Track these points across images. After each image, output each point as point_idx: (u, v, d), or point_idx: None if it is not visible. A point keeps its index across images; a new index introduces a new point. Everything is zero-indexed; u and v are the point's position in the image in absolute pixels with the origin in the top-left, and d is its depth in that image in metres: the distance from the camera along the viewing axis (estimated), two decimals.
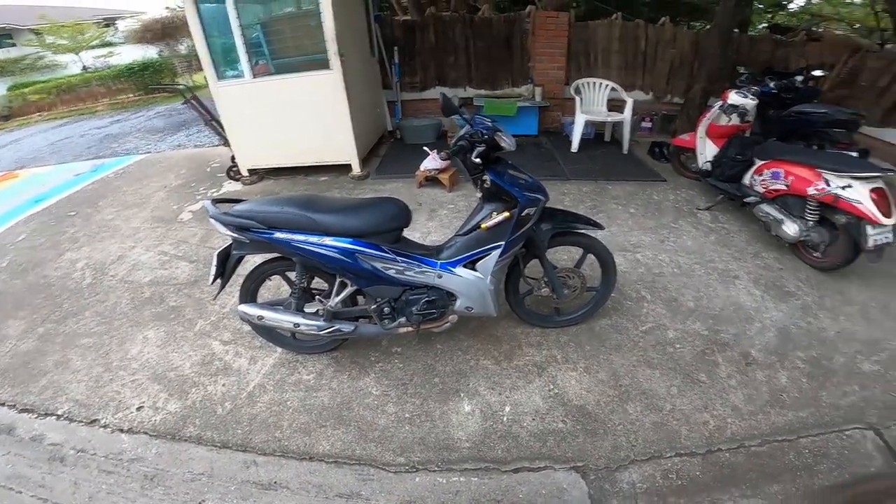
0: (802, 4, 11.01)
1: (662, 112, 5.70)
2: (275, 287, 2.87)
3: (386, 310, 2.08)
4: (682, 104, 5.47)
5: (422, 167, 4.13)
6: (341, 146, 4.41)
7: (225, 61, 4.25)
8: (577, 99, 4.95)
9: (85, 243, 3.79)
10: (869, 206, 2.59)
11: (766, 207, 3.23)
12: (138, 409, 2.16)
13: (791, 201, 3.08)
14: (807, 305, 2.73)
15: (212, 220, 1.98)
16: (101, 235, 3.90)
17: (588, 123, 5.07)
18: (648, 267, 3.04)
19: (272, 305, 2.23)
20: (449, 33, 5.49)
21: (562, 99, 5.62)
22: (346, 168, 4.60)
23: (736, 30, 6.48)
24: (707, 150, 3.88)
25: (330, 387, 2.21)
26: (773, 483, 1.79)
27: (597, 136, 5.54)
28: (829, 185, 2.76)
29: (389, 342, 2.45)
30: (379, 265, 1.96)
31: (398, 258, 1.97)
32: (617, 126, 5.23)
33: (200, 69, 4.49)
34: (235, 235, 1.99)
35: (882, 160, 4.66)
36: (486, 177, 1.98)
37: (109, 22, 22.13)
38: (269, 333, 2.36)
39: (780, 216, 3.11)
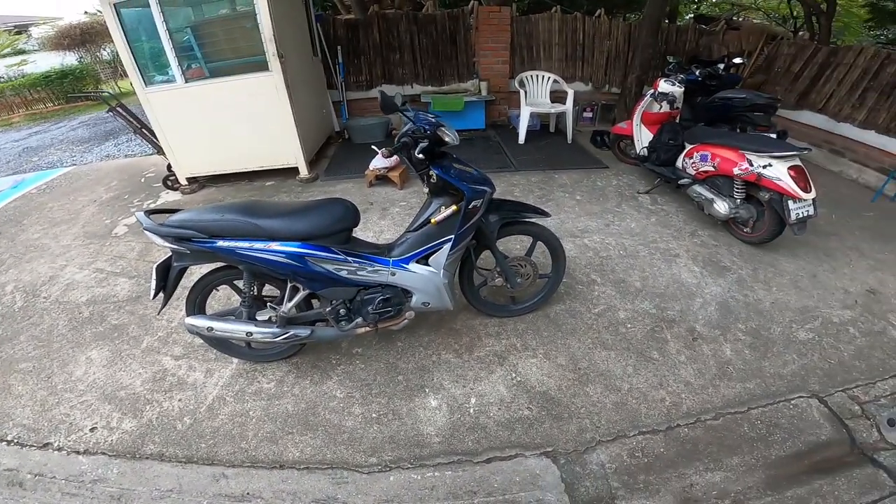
0: None
1: (602, 102, 5.95)
2: (223, 297, 2.77)
3: (342, 311, 2.07)
4: (619, 94, 5.74)
5: (371, 166, 4.10)
6: (286, 149, 4.29)
7: (153, 66, 4.02)
8: (522, 92, 5.08)
9: (12, 265, 3.49)
10: (788, 183, 2.83)
11: (698, 188, 3.45)
12: (91, 429, 2.05)
13: (720, 181, 3.31)
14: (742, 279, 2.93)
15: (147, 233, 1.88)
16: (29, 256, 3.60)
17: (533, 115, 5.21)
18: (596, 251, 3.18)
19: (222, 316, 2.16)
20: (393, 31, 5.45)
21: (507, 92, 5.74)
22: (293, 171, 4.48)
23: (665, 21, 6.86)
24: (643, 137, 4.09)
25: (293, 393, 2.17)
26: (732, 455, 1.89)
27: (542, 127, 5.72)
28: (752, 164, 2.99)
29: (349, 344, 2.43)
30: (330, 267, 1.94)
31: (349, 259, 1.96)
32: (560, 117, 5.42)
33: (126, 75, 4.22)
34: (175, 247, 1.90)
35: (799, 140, 5.12)
36: (432, 172, 2.00)
37: (21, 29, 20.27)
38: (222, 345, 2.29)
39: (710, 196, 3.33)
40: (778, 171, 2.88)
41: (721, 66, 5.26)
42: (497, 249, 2.32)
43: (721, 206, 3.23)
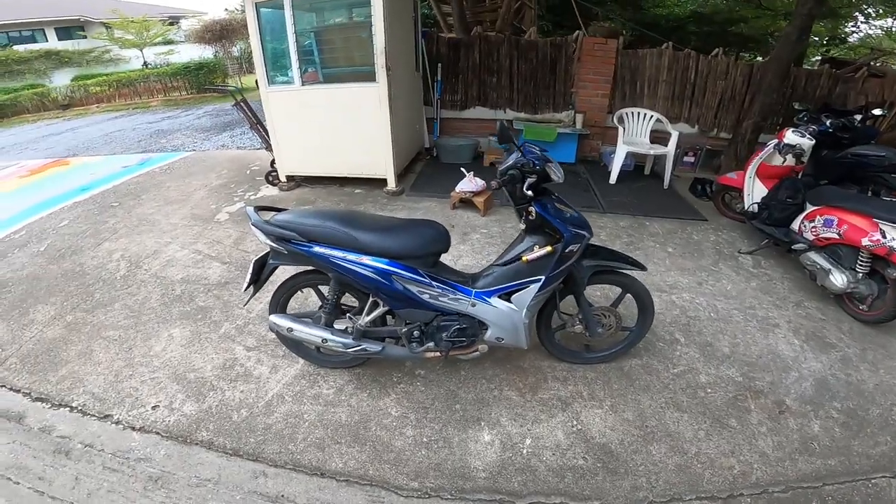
0: (861, 37, 10.62)
1: (707, 147, 5.55)
2: (301, 297, 2.93)
3: (416, 333, 2.08)
4: (729, 139, 5.32)
5: (457, 188, 4.16)
6: (379, 160, 4.49)
7: (276, 66, 4.41)
8: (620, 129, 4.88)
9: (124, 235, 3.95)
10: None
11: (813, 256, 3.09)
12: (154, 407, 2.20)
13: (842, 251, 2.94)
14: (847, 357, 2.61)
15: (253, 228, 2.02)
16: (140, 229, 4.06)
17: (629, 155, 4.99)
18: (684, 309, 2.95)
19: (302, 318, 2.26)
20: (494, 53, 5.53)
21: (602, 127, 5.56)
22: (381, 182, 4.68)
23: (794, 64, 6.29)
24: (755, 191, 3.74)
25: (349, 403, 2.21)
26: None
27: (636, 167, 5.43)
28: (885, 236, 2.63)
29: (413, 364, 2.45)
30: (414, 289, 1.95)
31: (434, 283, 1.96)
32: (658, 159, 5.13)
33: (250, 72, 4.69)
34: (275, 245, 2.02)
35: None
36: (532, 208, 1.97)
37: (174, 20, 23.44)
38: (294, 345, 2.38)
39: (828, 266, 2.97)
40: None
41: (858, 117, 4.72)
42: (584, 297, 2.24)
43: (838, 279, 2.87)
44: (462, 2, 7.39)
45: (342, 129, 4.42)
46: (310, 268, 2.17)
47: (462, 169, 4.18)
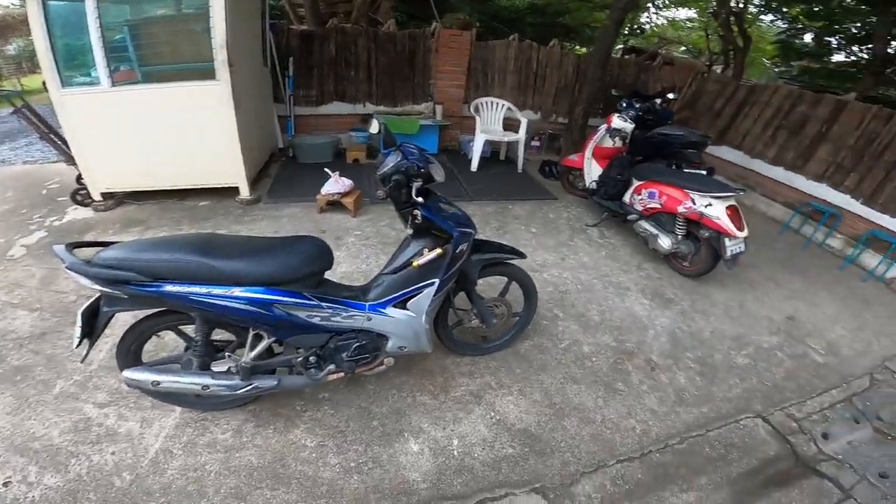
0: (651, 26, 12.76)
1: (549, 131, 6.14)
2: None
3: (312, 359, 1.90)
4: (566, 124, 5.95)
5: (323, 191, 3.86)
6: (227, 166, 3.93)
7: (73, 65, 3.52)
8: (477, 118, 5.09)
9: None
10: (726, 222, 3.06)
11: (643, 223, 3.63)
12: (5, 484, 1.74)
13: (664, 218, 3.51)
14: (685, 310, 3.15)
15: (70, 273, 1.54)
16: None
17: (487, 142, 5.24)
18: (556, 285, 3.22)
19: (166, 365, 1.89)
20: (351, 46, 5.25)
21: (460, 117, 5.74)
22: (231, 191, 4.11)
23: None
24: (593, 171, 4.25)
25: (254, 444, 1.96)
26: (700, 476, 2.03)
27: (492, 154, 5.77)
28: (695, 203, 3.19)
29: (315, 389, 2.25)
30: (301, 314, 1.76)
31: (323, 304, 1.79)
32: (511, 145, 5.50)
33: (34, 72, 3.65)
34: (107, 290, 1.59)
35: (719, 175, 5.60)
36: (418, 212, 1.87)
37: None
38: (163, 394, 1.97)
39: (655, 231, 3.52)
40: (717, 211, 3.10)
41: (658, 100, 5.66)
42: (475, 291, 2.28)
43: (664, 242, 3.42)
44: None
45: (175, 133, 3.74)
46: (163, 308, 1.78)
47: (326, 170, 3.90)
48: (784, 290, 3.57)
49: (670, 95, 5.72)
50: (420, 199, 1.81)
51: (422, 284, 1.93)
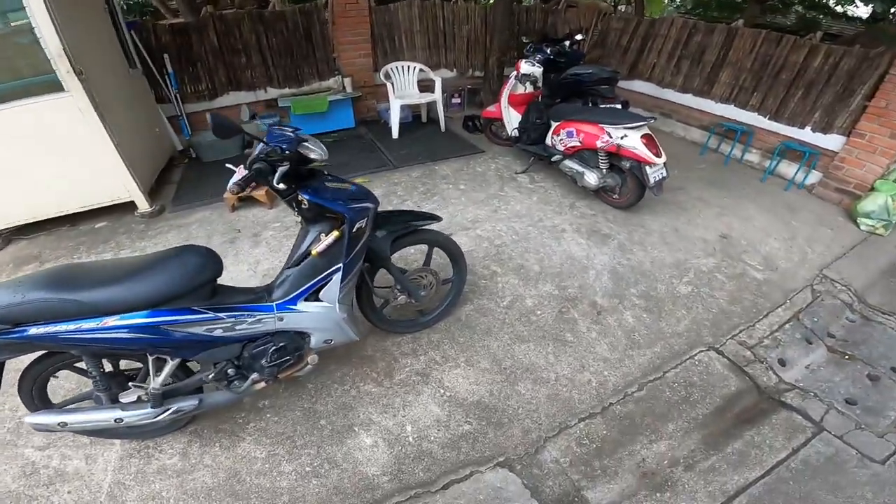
0: None
1: (468, 87, 5.95)
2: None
3: (230, 372, 1.75)
4: (482, 77, 5.76)
5: (229, 188, 3.47)
6: (114, 181, 3.47)
7: None
8: (389, 85, 4.79)
9: None
10: (643, 150, 3.03)
11: (568, 163, 3.57)
12: None
13: (586, 155, 3.46)
14: (622, 244, 3.13)
15: None
16: None
17: (405, 107, 4.99)
18: (491, 240, 3.11)
19: (75, 403, 1.78)
20: (234, 32, 4.71)
21: (374, 86, 5.40)
22: (129, 206, 3.65)
23: (515, 2, 7.05)
24: (512, 118, 4.13)
25: (204, 464, 1.82)
26: (667, 422, 1.96)
27: (414, 118, 5.53)
28: (611, 136, 3.14)
29: (253, 398, 2.06)
30: (198, 329, 1.58)
31: (221, 315, 1.61)
32: (431, 106, 5.27)
33: None
34: None
35: (635, 107, 5.68)
36: (302, 197, 1.68)
37: None
38: (93, 430, 1.79)
39: (580, 169, 3.47)
40: (633, 141, 3.06)
41: (567, 43, 5.59)
42: (394, 266, 2.10)
43: (591, 178, 3.38)
44: None
45: (38, 156, 3.21)
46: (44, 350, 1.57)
47: (228, 165, 3.50)
48: (714, 207, 3.65)
49: (578, 37, 5.66)
50: (281, 186, 1.59)
51: (328, 272, 1.77)
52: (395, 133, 4.88)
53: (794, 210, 3.70)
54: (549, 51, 5.39)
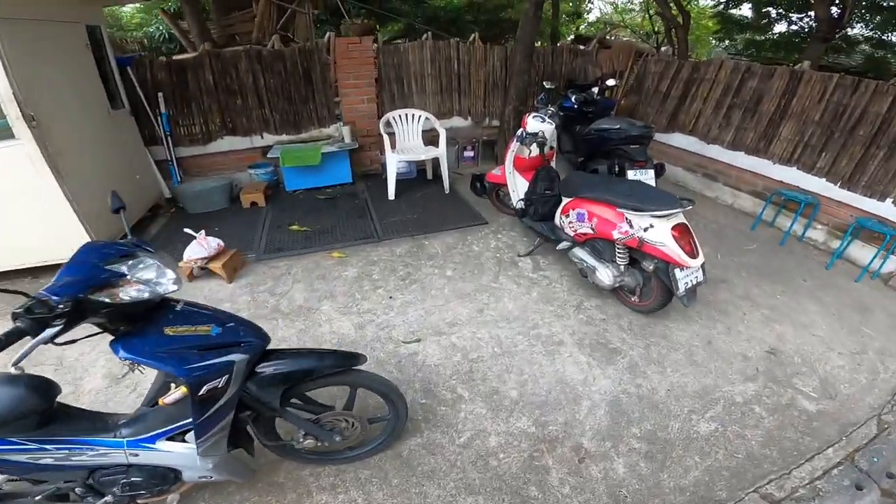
0: (598, 15, 12.22)
1: (483, 138, 5.42)
2: None
3: (78, 490, 1.47)
4: (498, 127, 5.22)
5: (185, 256, 3.08)
6: (66, 237, 3.14)
7: None
8: (386, 137, 4.31)
9: None
10: (673, 248, 2.36)
11: (578, 252, 2.93)
12: None
13: (600, 245, 2.81)
14: (633, 363, 2.46)
15: None
16: None
17: (407, 162, 4.50)
18: (465, 352, 2.52)
19: None
20: (231, 72, 4.44)
21: (377, 135, 4.97)
22: None
23: (548, 43, 6.56)
24: (518, 186, 3.52)
25: None
26: None
27: (419, 172, 5.01)
28: (631, 226, 2.48)
29: None
30: (21, 458, 1.34)
31: (48, 447, 1.35)
32: (438, 161, 4.74)
33: None
34: None
35: (672, 164, 4.95)
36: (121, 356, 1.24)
37: None
38: None
39: (592, 263, 2.82)
40: (661, 234, 2.39)
41: (595, 89, 4.98)
42: (291, 414, 1.63)
43: (604, 276, 2.73)
44: (199, 15, 6.00)
45: None
46: None
47: (186, 230, 3.13)
48: (762, 309, 2.91)
49: (610, 82, 5.07)
50: (65, 340, 1.17)
51: (184, 423, 1.43)
52: (391, 193, 4.38)
53: (867, 310, 2.92)
54: (573, 98, 4.82)
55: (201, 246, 3.05)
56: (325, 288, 3.03)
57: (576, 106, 4.76)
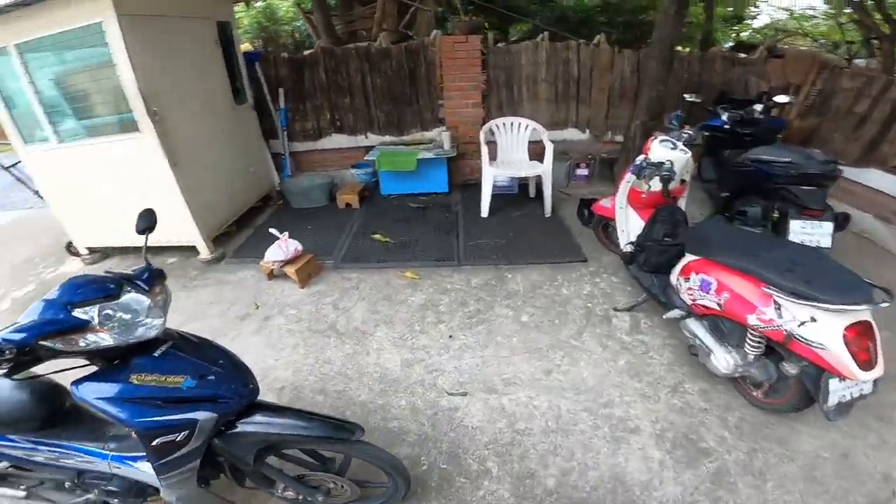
0: (767, 22, 10.16)
1: (602, 154, 4.72)
2: None
3: (67, 485, 1.56)
4: (621, 144, 4.49)
5: (265, 257, 3.16)
6: (180, 225, 3.46)
7: (30, 122, 3.34)
8: (485, 147, 3.94)
9: None
10: (838, 356, 1.64)
11: (692, 326, 2.27)
12: None
13: (726, 325, 2.11)
14: (724, 470, 1.84)
15: None
16: None
17: (509, 177, 4.10)
18: (513, 419, 2.10)
19: None
20: (342, 69, 4.52)
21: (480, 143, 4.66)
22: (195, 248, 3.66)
23: (696, 50, 5.57)
24: (630, 225, 2.88)
25: None
26: None
27: (521, 188, 4.52)
28: (780, 314, 1.78)
29: None
30: (18, 454, 1.47)
31: (41, 448, 1.45)
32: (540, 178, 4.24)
33: None
34: None
35: (862, 210, 3.71)
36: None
37: None
38: None
39: (710, 344, 2.15)
40: (825, 334, 1.67)
41: (759, 107, 3.96)
42: (269, 468, 1.51)
43: (721, 362, 2.07)
44: (326, 11, 6.31)
45: (123, 190, 3.42)
46: None
47: (271, 230, 3.19)
48: None
49: (781, 98, 3.99)
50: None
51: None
52: (484, 211, 4.01)
53: None
54: (725, 117, 3.90)
55: (280, 249, 3.09)
56: (386, 312, 2.84)
57: (727, 125, 3.85)
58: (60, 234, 4.08)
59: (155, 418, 1.22)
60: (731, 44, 8.54)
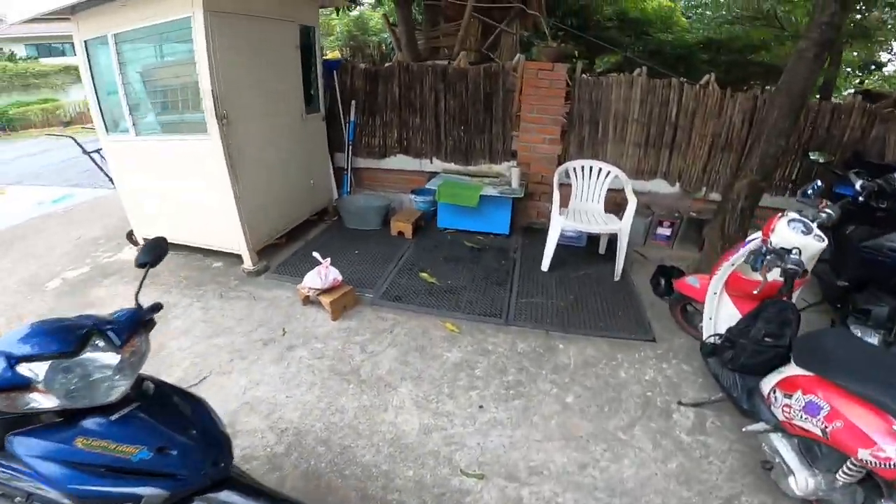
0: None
1: (691, 213, 4.32)
2: None
3: (18, 500, 1.45)
4: (718, 204, 4.07)
5: (304, 282, 3.20)
6: (228, 232, 3.64)
7: (115, 112, 3.74)
8: (556, 194, 3.71)
9: None
10: None
11: (776, 442, 1.93)
12: None
13: (823, 450, 1.77)
14: None
15: None
16: None
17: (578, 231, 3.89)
18: None
19: None
20: (416, 87, 4.60)
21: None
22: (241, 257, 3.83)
23: (817, 97, 5.04)
24: (721, 314, 2.52)
25: None
26: None
27: (589, 241, 4.23)
28: None
29: None
30: None
31: (8, 472, 1.35)
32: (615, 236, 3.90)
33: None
34: None
35: None
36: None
37: None
38: None
39: (794, 464, 1.82)
40: None
41: None
42: None
43: (802, 484, 1.76)
44: (411, 24, 6.55)
45: (185, 190, 3.69)
46: None
47: (315, 254, 3.24)
48: None
49: None
50: None
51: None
52: (545, 264, 3.77)
53: None
54: (858, 185, 3.38)
55: (319, 277, 3.11)
56: (416, 366, 2.71)
57: (861, 198, 3.32)
58: (124, 219, 4.46)
59: (92, 487, 1.15)
60: (851, 90, 7.69)
